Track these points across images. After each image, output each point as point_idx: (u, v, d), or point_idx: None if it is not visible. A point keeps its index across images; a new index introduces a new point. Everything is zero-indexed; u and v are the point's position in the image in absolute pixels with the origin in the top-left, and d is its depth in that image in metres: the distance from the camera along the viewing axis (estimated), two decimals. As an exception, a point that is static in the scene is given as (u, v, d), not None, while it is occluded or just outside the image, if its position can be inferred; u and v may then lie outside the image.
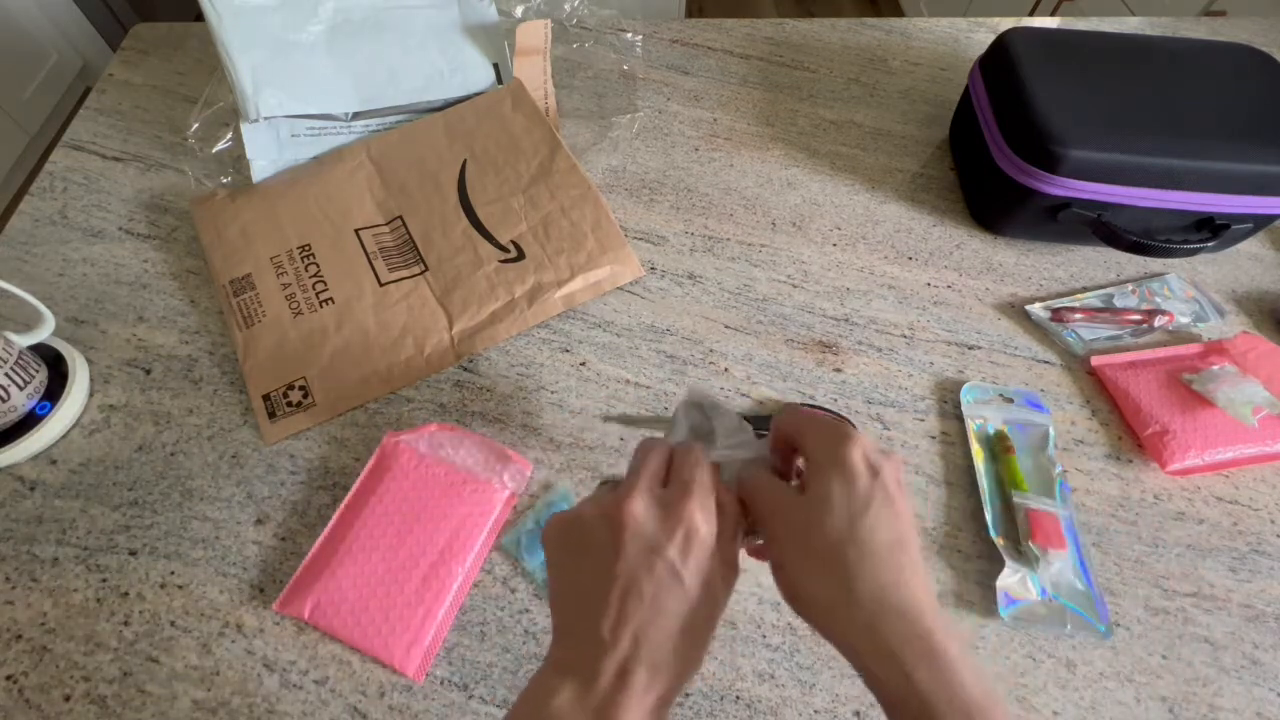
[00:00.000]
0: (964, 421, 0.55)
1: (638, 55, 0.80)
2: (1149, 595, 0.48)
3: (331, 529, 0.47)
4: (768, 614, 0.47)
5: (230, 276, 0.60)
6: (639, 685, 0.27)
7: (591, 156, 0.72)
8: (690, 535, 0.28)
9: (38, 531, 0.49)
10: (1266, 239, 0.69)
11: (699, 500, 0.29)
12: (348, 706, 0.43)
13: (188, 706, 0.43)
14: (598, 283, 0.61)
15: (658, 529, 0.29)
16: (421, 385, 0.57)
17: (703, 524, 0.29)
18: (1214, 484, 0.54)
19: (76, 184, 0.68)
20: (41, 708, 0.43)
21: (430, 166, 0.66)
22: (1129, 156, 0.57)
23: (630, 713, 0.26)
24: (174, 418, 0.54)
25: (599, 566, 0.29)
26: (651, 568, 0.28)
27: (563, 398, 0.56)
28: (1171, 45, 0.67)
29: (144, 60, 0.80)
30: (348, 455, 0.53)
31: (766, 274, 0.64)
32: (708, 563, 0.29)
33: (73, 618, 0.46)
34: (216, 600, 0.47)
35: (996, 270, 0.66)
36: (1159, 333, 0.61)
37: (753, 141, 0.75)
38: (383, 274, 0.60)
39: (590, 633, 0.28)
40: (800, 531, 0.29)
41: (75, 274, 0.62)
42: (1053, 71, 0.62)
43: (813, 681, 0.45)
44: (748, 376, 0.58)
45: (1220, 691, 0.45)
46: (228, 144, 0.67)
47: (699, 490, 0.30)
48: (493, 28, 0.72)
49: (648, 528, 0.29)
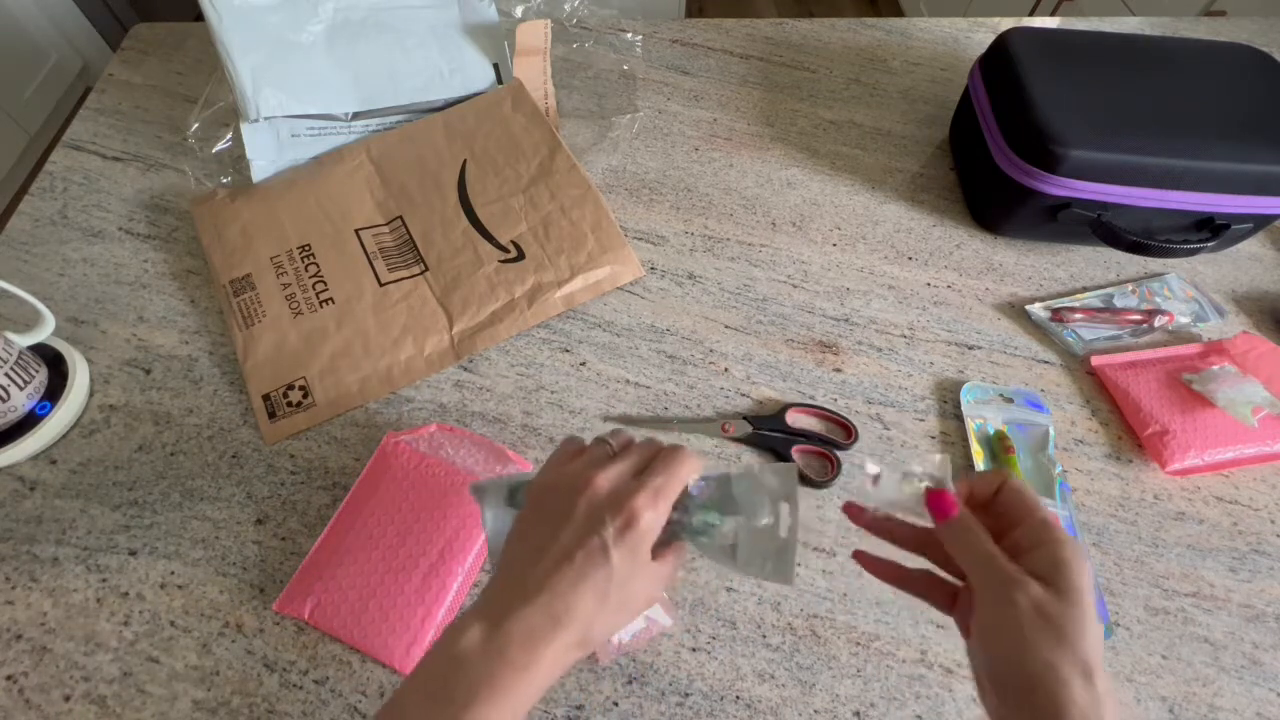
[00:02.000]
0: (964, 421, 0.55)
1: (638, 55, 0.80)
2: (1149, 595, 0.49)
3: (331, 529, 0.47)
4: (768, 614, 0.47)
5: (230, 276, 0.60)
6: (542, 634, 0.30)
7: (591, 156, 0.72)
8: (630, 524, 0.31)
9: (38, 531, 0.49)
10: (1266, 239, 0.69)
11: (650, 500, 0.32)
12: (348, 706, 0.43)
13: (188, 706, 0.43)
14: (598, 283, 0.61)
15: (606, 508, 0.32)
16: (421, 385, 0.57)
17: (645, 520, 0.32)
18: (1214, 484, 0.54)
19: (76, 184, 0.68)
20: (41, 708, 0.43)
21: (430, 166, 0.66)
22: (1129, 156, 0.57)
23: (533, 653, 0.29)
24: (174, 418, 0.54)
25: (553, 520, 0.32)
26: (587, 538, 0.31)
27: (563, 398, 0.56)
28: (1171, 45, 0.67)
29: (144, 60, 0.80)
30: (348, 455, 0.53)
31: (766, 274, 0.64)
32: (638, 552, 0.32)
33: (73, 618, 0.46)
34: (216, 600, 0.47)
35: (996, 270, 0.66)
36: (1159, 333, 0.61)
37: (753, 141, 0.75)
38: (383, 274, 0.60)
39: (518, 580, 0.31)
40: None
41: (75, 274, 0.62)
42: (1053, 71, 0.62)
43: (813, 681, 0.45)
44: (747, 376, 0.58)
45: (1220, 691, 0.45)
46: (228, 144, 0.67)
47: (656, 493, 0.32)
48: (493, 28, 0.72)
49: (600, 505, 0.32)
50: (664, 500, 0.33)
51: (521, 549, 0.33)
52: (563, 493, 0.33)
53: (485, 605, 0.31)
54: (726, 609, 0.47)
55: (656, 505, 0.32)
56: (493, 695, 0.29)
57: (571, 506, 0.32)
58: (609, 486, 0.33)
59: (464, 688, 0.29)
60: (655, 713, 0.44)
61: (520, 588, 0.31)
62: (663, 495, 0.33)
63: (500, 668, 0.29)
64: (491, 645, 0.29)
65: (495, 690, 0.29)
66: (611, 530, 0.31)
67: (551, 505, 0.33)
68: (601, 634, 0.32)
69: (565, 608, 0.30)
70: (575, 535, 0.31)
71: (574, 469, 0.34)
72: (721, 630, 0.46)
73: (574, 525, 0.32)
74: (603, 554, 0.31)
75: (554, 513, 0.33)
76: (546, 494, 0.34)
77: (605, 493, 0.32)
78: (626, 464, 0.34)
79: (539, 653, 0.30)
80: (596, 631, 0.31)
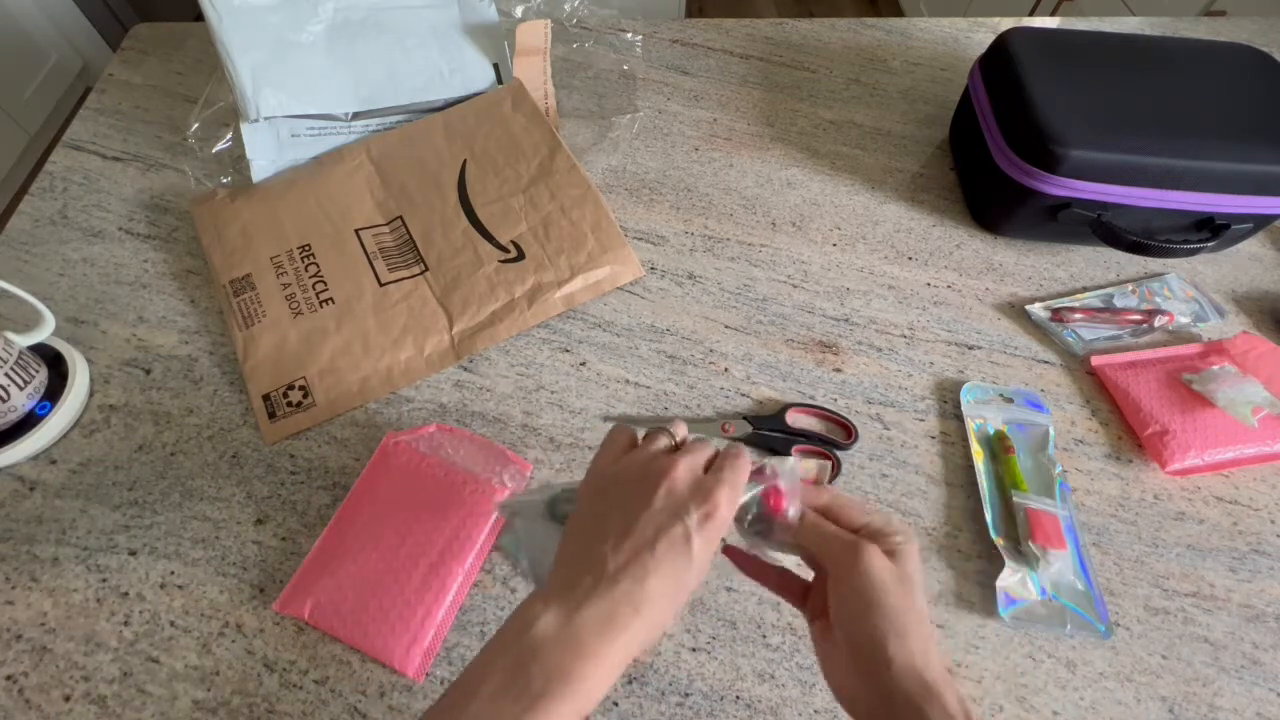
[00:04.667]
0: (964, 421, 0.55)
1: (638, 55, 0.80)
2: (1149, 595, 0.48)
3: (331, 529, 0.47)
4: (768, 614, 0.47)
5: (230, 276, 0.60)
6: (621, 622, 0.29)
7: (591, 156, 0.72)
8: (711, 514, 0.31)
9: (38, 531, 0.49)
10: (1266, 239, 0.69)
11: (729, 493, 0.32)
12: (348, 706, 0.43)
13: (188, 706, 0.43)
14: (598, 283, 0.61)
15: (689, 497, 0.31)
16: (421, 385, 0.57)
17: (725, 511, 0.31)
18: (1214, 484, 0.54)
19: (76, 184, 0.68)
20: (41, 708, 0.43)
21: (430, 166, 0.66)
22: (1129, 156, 0.57)
23: (608, 645, 0.28)
24: (174, 418, 0.54)
25: (627, 507, 0.31)
26: (670, 526, 0.30)
27: (563, 398, 0.56)
28: (1171, 45, 0.67)
29: (144, 60, 0.80)
30: (348, 455, 0.53)
31: (766, 274, 0.64)
32: (712, 544, 0.31)
33: (73, 618, 0.46)
34: (216, 600, 0.47)
35: (996, 270, 0.66)
36: (1159, 333, 0.61)
37: (753, 141, 0.75)
38: (383, 274, 0.60)
39: (594, 562, 0.30)
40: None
41: (75, 274, 0.62)
42: (1053, 71, 0.62)
43: (813, 681, 0.45)
44: (747, 376, 0.58)
45: (1220, 691, 0.45)
46: (228, 144, 0.67)
47: (732, 486, 0.32)
48: (493, 28, 0.72)
49: (681, 492, 0.31)
50: (738, 495, 0.33)
51: (594, 536, 0.31)
52: (636, 480, 0.32)
53: (559, 591, 0.30)
54: (726, 609, 0.47)
55: (734, 499, 0.32)
56: (567, 687, 0.27)
57: (650, 494, 0.31)
58: (690, 477, 0.32)
59: (540, 677, 0.27)
60: (655, 713, 0.44)
61: (597, 573, 0.30)
62: (738, 490, 0.33)
63: (575, 657, 0.28)
64: (567, 632, 0.28)
65: (569, 681, 0.27)
66: (695, 519, 0.30)
67: (624, 492, 0.32)
68: (666, 623, 0.31)
69: (645, 596, 0.29)
70: (656, 523, 0.31)
71: (644, 457, 0.34)
72: (721, 630, 0.46)
73: (654, 512, 0.31)
74: (685, 543, 0.30)
75: (629, 499, 0.32)
76: (615, 483, 0.33)
77: (688, 483, 0.32)
78: (700, 456, 0.34)
79: (614, 642, 0.28)
80: (664, 619, 0.30)
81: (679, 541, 0.30)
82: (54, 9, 1.90)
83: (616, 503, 0.32)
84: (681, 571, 0.30)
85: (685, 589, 0.31)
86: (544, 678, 0.27)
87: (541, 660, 0.28)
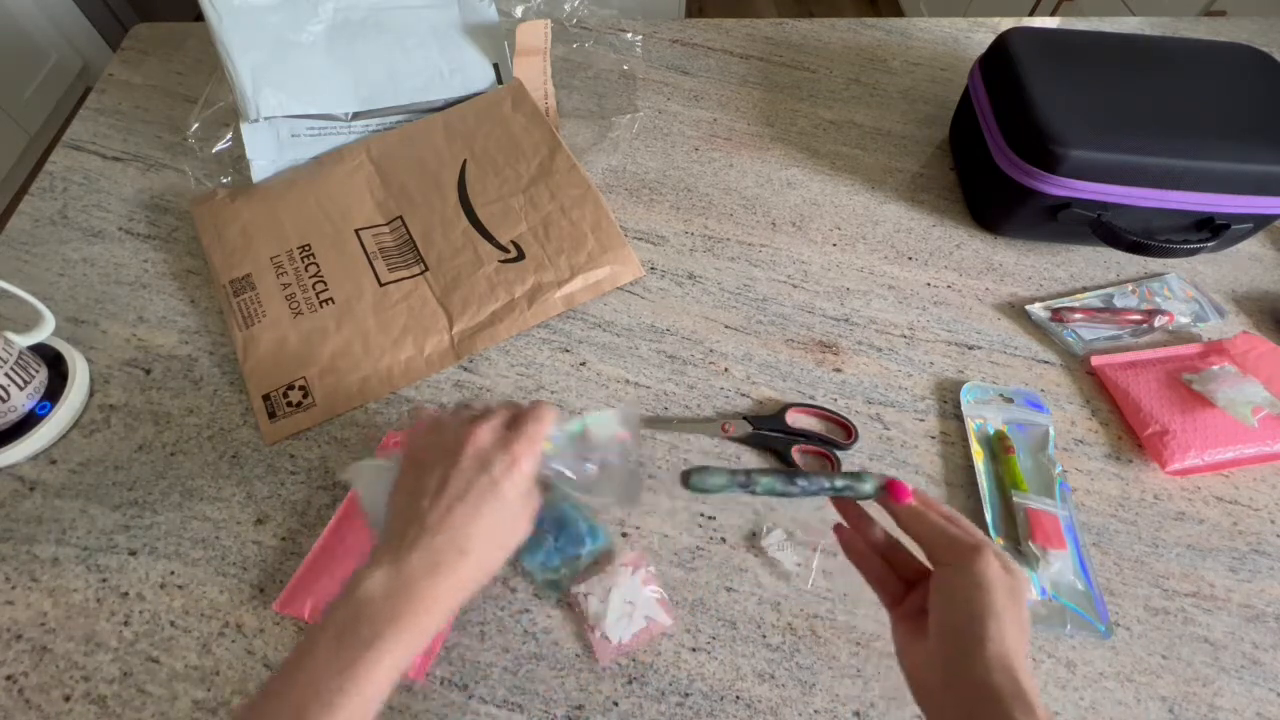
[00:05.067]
0: (964, 421, 0.55)
1: (638, 55, 0.80)
2: (1149, 595, 0.49)
3: (331, 529, 0.47)
4: (768, 614, 0.47)
5: (230, 276, 0.60)
6: (448, 564, 0.33)
7: (591, 156, 0.72)
8: (512, 464, 0.36)
9: (38, 531, 0.49)
10: (1266, 239, 0.69)
11: (528, 444, 0.37)
12: (348, 706, 0.43)
13: (188, 706, 0.43)
14: (598, 283, 0.61)
15: (492, 452, 0.36)
16: (421, 385, 0.57)
17: (526, 463, 0.36)
18: (1214, 484, 0.54)
19: (76, 184, 0.68)
20: (41, 708, 0.43)
21: (430, 166, 0.66)
22: (1129, 156, 0.57)
23: (436, 587, 0.33)
24: (174, 418, 0.54)
25: (438, 474, 0.36)
26: (477, 478, 0.35)
27: (563, 398, 0.56)
28: (1171, 45, 0.67)
29: (144, 60, 0.80)
30: (348, 455, 0.53)
31: (766, 274, 0.64)
32: (522, 488, 0.36)
33: (73, 618, 0.46)
34: (216, 600, 0.47)
35: (996, 270, 0.66)
36: (1159, 333, 0.61)
37: (753, 141, 0.75)
38: (383, 274, 0.60)
39: (416, 519, 0.34)
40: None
41: (75, 274, 0.62)
42: (1053, 71, 0.62)
43: (813, 681, 0.45)
44: (747, 376, 0.58)
45: (1220, 691, 0.45)
46: (228, 144, 0.67)
47: (530, 438, 0.37)
48: (493, 28, 0.72)
49: (485, 448, 0.36)
50: (538, 444, 0.37)
51: (412, 496, 0.35)
52: (446, 447, 0.36)
53: (385, 548, 0.34)
54: (726, 609, 0.47)
55: (533, 449, 0.37)
56: (397, 631, 0.31)
57: (456, 456, 0.36)
58: (491, 436, 0.36)
59: (368, 627, 0.31)
60: (655, 713, 0.44)
61: (418, 526, 0.34)
62: (537, 440, 0.37)
63: (405, 601, 0.32)
64: (396, 582, 0.32)
65: (400, 625, 0.32)
66: (499, 468, 0.35)
67: (435, 458, 0.36)
68: (493, 565, 0.36)
69: (466, 537, 0.34)
70: (466, 478, 0.35)
71: (448, 429, 0.37)
72: (721, 630, 0.46)
73: (462, 470, 0.35)
74: (494, 489, 0.35)
75: (439, 464, 0.36)
76: (427, 452, 0.37)
77: (489, 441, 0.36)
78: (499, 419, 0.38)
79: (444, 583, 0.33)
80: (490, 561, 0.35)
81: (487, 489, 0.35)
82: (54, 9, 1.91)
83: (430, 467, 0.36)
84: (497, 513, 0.35)
85: (509, 533, 0.36)
86: (372, 627, 0.31)
87: (370, 612, 0.32)
